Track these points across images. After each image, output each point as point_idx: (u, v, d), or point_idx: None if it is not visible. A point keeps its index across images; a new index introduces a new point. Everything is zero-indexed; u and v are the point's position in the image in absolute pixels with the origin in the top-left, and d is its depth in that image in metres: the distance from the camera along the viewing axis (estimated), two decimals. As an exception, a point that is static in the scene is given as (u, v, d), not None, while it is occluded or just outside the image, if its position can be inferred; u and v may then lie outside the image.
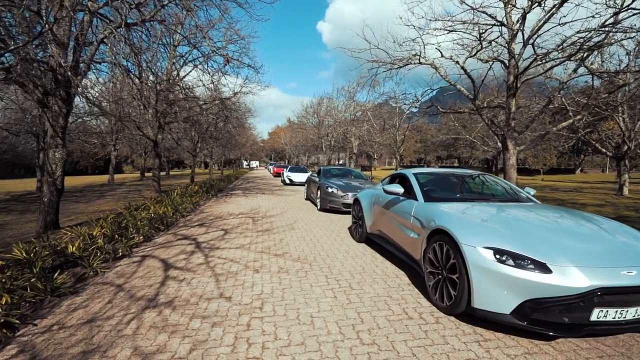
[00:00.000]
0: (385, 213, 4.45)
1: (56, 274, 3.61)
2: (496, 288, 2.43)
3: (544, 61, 8.87)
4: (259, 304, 3.09)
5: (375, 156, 40.00)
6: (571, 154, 46.01)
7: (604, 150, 17.13)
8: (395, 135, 18.62)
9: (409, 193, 4.00)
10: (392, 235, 4.17)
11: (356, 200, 5.70)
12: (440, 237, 2.99)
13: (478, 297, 2.51)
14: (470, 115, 15.46)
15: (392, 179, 5.14)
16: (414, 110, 15.95)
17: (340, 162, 41.38)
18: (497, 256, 2.49)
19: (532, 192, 4.31)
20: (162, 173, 41.54)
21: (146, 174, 32.08)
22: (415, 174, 4.29)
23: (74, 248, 4.67)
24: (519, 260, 2.42)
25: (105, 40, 7.22)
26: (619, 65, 12.35)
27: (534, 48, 8.11)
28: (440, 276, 2.99)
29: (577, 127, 14.84)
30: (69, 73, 6.19)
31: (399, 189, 3.98)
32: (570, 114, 12.17)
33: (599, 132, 17.74)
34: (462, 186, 4.44)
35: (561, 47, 8.54)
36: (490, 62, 11.60)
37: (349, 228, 6.69)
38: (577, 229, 2.95)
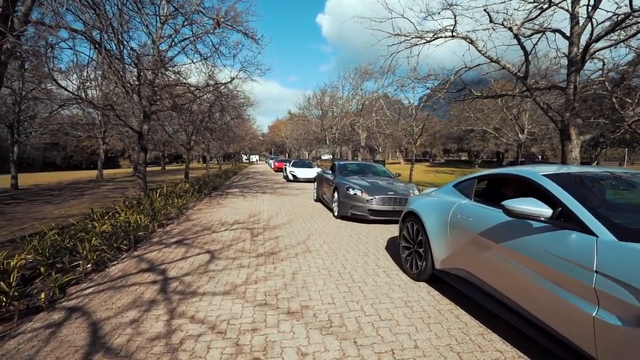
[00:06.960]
0: (489, 247, 2.46)
1: None
2: None
3: (627, 24, 6.84)
4: None
5: (379, 149, 37.96)
6: (587, 146, 44.02)
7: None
8: (413, 126, 16.54)
9: (563, 219, 2.01)
10: (514, 294, 2.19)
11: (410, 214, 3.68)
12: None
13: None
14: (510, 99, 13.39)
15: (496, 186, 3.14)
16: (429, 96, 13.99)
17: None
18: None
19: None
20: (158, 168, 39.64)
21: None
22: (552, 177, 2.27)
23: (-52, 302, 2.75)
24: None
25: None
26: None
27: (631, 3, 6.03)
28: None
29: (622, 115, 12.84)
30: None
31: (542, 208, 1.97)
32: (614, 99, 10.24)
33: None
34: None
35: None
36: (539, 35, 9.62)
37: (391, 250, 4.74)
38: None
